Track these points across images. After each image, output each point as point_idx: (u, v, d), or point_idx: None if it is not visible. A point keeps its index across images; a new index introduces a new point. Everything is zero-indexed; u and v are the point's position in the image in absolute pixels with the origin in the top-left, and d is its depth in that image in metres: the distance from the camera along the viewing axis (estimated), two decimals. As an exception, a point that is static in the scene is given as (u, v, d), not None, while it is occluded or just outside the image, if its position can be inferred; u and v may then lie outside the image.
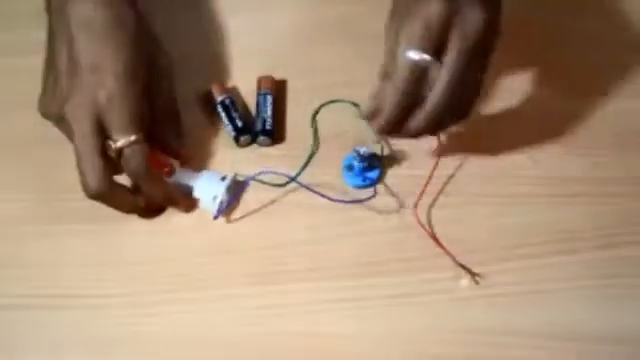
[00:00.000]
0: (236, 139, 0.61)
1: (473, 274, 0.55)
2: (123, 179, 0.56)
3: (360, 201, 0.58)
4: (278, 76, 0.64)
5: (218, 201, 0.58)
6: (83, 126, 0.53)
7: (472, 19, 0.52)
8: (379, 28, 0.57)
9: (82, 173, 0.54)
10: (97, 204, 0.55)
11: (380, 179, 0.59)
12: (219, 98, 0.62)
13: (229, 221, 0.58)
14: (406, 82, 0.53)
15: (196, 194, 0.58)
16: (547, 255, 0.56)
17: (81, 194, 0.56)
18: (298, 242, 0.57)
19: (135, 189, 0.57)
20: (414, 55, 0.52)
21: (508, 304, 0.54)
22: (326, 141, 0.61)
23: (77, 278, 0.56)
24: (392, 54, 0.53)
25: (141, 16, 0.58)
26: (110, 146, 0.54)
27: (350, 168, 0.59)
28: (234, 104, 0.62)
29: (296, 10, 0.69)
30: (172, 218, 0.58)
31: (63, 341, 0.54)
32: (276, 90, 0.63)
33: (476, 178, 0.59)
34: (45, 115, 0.56)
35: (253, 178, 0.58)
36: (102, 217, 0.57)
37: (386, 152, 0.60)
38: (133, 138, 0.54)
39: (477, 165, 0.60)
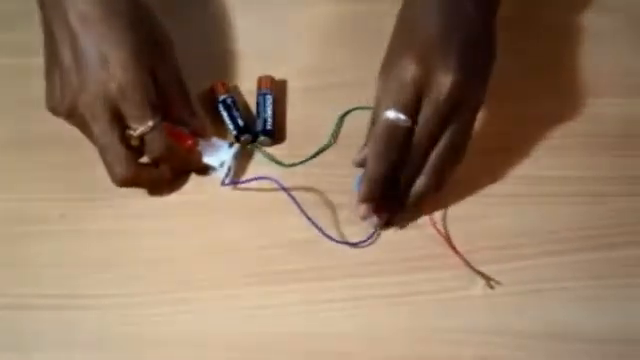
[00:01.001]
0: (237, 138, 0.61)
1: (488, 279, 0.55)
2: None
3: (354, 244, 0.57)
4: (278, 76, 0.64)
5: (226, 167, 0.59)
6: (101, 121, 0.54)
7: (443, 82, 0.52)
8: (380, 27, 0.57)
9: (109, 165, 0.55)
10: (97, 205, 0.56)
11: None
12: (220, 97, 0.62)
13: (235, 188, 0.59)
14: (383, 142, 0.54)
15: (205, 160, 0.59)
16: (544, 255, 0.56)
17: (81, 194, 0.57)
18: (298, 242, 0.57)
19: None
20: (390, 115, 0.53)
21: (506, 304, 0.54)
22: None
23: (78, 278, 0.56)
24: (374, 112, 0.55)
25: (137, 2, 0.57)
26: (131, 135, 0.55)
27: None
28: (235, 103, 0.62)
29: (296, 10, 0.69)
30: (172, 218, 0.58)
31: (63, 341, 0.54)
32: (276, 90, 0.63)
33: (475, 179, 0.59)
34: (54, 111, 0.56)
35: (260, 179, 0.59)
36: (102, 217, 0.58)
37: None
38: (151, 124, 0.55)
39: (476, 165, 0.59)
